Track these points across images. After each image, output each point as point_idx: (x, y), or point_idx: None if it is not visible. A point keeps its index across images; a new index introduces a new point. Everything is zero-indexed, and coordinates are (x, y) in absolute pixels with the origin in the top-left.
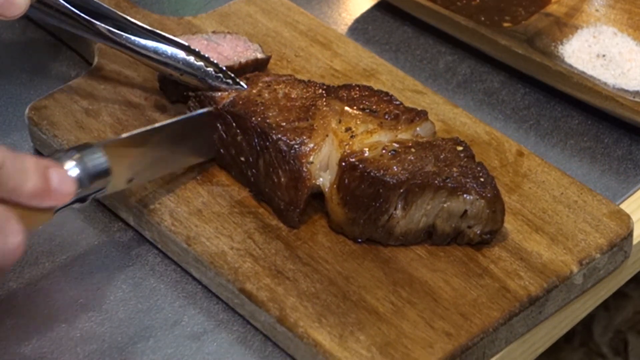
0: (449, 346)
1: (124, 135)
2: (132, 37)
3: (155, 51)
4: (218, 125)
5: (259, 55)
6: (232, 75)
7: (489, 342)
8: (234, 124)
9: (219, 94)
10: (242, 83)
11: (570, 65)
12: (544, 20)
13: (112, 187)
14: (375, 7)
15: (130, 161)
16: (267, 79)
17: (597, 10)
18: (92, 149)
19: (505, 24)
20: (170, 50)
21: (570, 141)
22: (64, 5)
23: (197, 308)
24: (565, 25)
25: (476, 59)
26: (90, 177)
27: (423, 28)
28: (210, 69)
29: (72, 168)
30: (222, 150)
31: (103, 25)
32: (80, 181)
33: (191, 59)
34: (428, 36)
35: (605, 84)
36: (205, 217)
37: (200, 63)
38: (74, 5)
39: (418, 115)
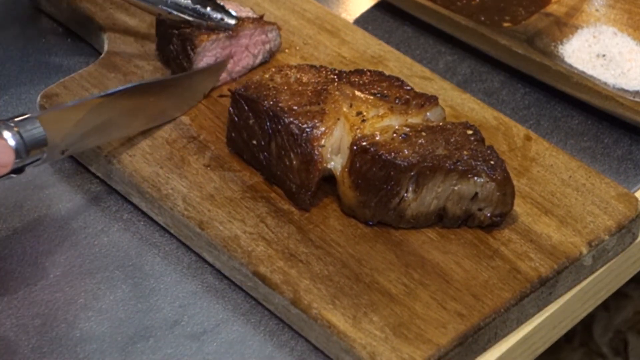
0: (462, 326)
1: (60, 106)
2: None
3: None
4: (230, 109)
5: (251, 14)
6: (221, 4)
7: (501, 322)
8: (246, 108)
9: (201, 33)
10: (231, 14)
11: (570, 65)
12: (544, 20)
13: (47, 158)
14: (375, 7)
15: (65, 132)
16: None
17: (597, 10)
18: (30, 119)
19: (505, 24)
20: None
21: (570, 141)
22: None
23: (197, 308)
24: (565, 25)
25: (476, 59)
26: (28, 148)
27: (423, 28)
28: (197, 6)
29: (9, 139)
30: (233, 134)
31: None
32: (18, 152)
33: (198, 7)
34: (428, 36)
35: (605, 84)
36: (217, 202)
37: (188, 1)
38: None
39: (428, 101)
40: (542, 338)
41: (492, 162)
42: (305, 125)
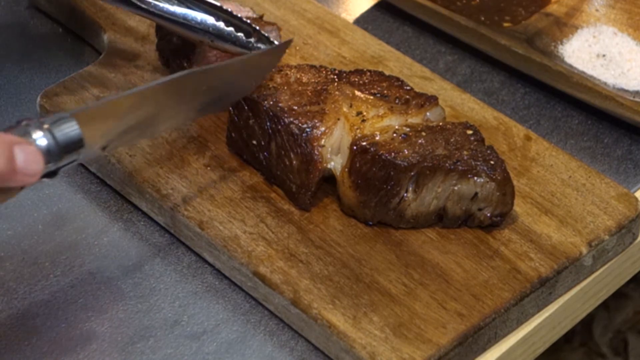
0: (462, 326)
1: (97, 102)
2: (161, 4)
3: (185, 18)
4: (230, 109)
5: (251, 14)
6: (265, 34)
7: (501, 322)
8: (246, 108)
9: None
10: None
11: (570, 65)
12: (544, 20)
13: (84, 157)
14: (375, 7)
15: (104, 129)
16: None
17: (597, 10)
18: (63, 116)
19: (505, 24)
20: (200, 16)
21: (570, 141)
22: None
23: (197, 308)
24: (565, 25)
25: (476, 59)
26: (61, 149)
27: (423, 28)
28: (240, 34)
29: (40, 139)
30: (233, 134)
31: None
32: (50, 154)
33: (221, 24)
34: (428, 36)
35: (605, 83)
36: (217, 202)
37: (231, 28)
38: None
39: (428, 101)
40: (542, 338)
41: (492, 162)
42: (305, 125)
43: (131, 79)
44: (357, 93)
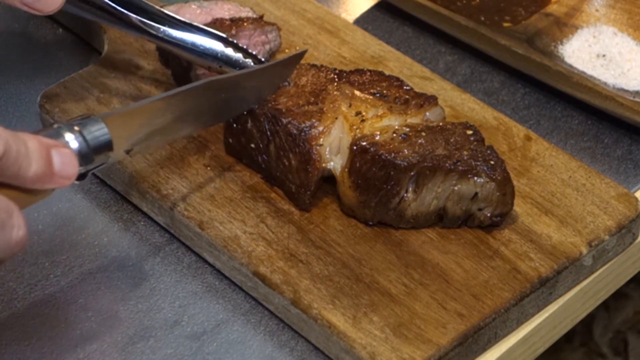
0: (462, 326)
1: (124, 107)
2: (169, 30)
3: (193, 44)
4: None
5: (251, 15)
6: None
7: (501, 322)
8: (244, 112)
9: None
10: None
11: (570, 65)
12: (544, 20)
13: (112, 160)
14: (375, 7)
15: (130, 133)
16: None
17: (597, 10)
18: (93, 119)
19: (505, 24)
20: (207, 43)
21: (570, 141)
22: None
23: (197, 308)
24: (565, 25)
25: (476, 59)
26: (92, 151)
27: (423, 28)
28: (248, 60)
29: (72, 141)
30: (230, 140)
31: (140, 18)
32: (82, 156)
33: (229, 51)
34: (428, 36)
35: (605, 84)
36: (217, 202)
37: (239, 55)
38: None
39: (428, 101)
40: (542, 338)
41: (492, 162)
42: (303, 125)
43: (131, 79)
44: (357, 93)
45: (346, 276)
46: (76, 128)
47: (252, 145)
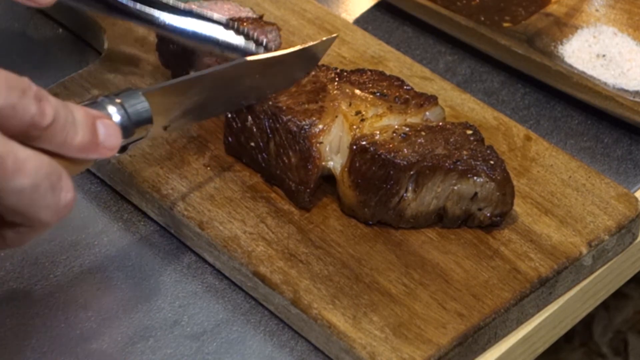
0: (462, 326)
1: (163, 83)
2: (169, 18)
3: (194, 32)
4: (228, 112)
5: (251, 15)
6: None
7: (501, 322)
8: (244, 109)
9: None
10: None
11: (570, 65)
12: (544, 20)
13: (150, 135)
14: (375, 7)
15: (168, 109)
16: None
17: (597, 10)
18: (134, 93)
19: (505, 24)
20: (208, 29)
21: (570, 141)
22: None
23: (197, 308)
24: (565, 25)
25: (476, 59)
26: (133, 124)
27: (423, 28)
28: (250, 45)
29: (114, 114)
30: (230, 139)
31: (139, 7)
32: (123, 128)
33: (230, 34)
34: (428, 36)
35: (605, 84)
36: (217, 202)
37: (240, 38)
38: None
39: (427, 100)
40: (542, 338)
41: (491, 162)
42: (303, 123)
43: (131, 79)
44: (357, 92)
45: (346, 276)
46: (118, 101)
47: (252, 144)
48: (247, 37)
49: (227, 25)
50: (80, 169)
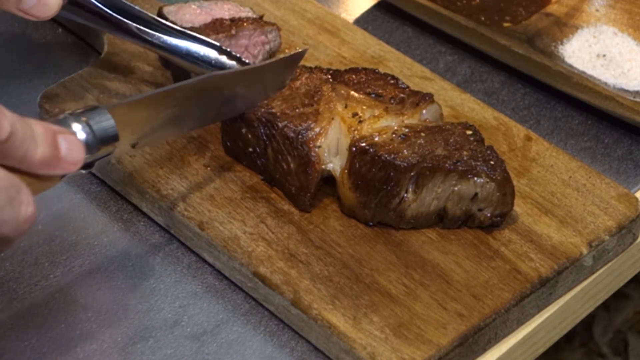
0: (462, 327)
1: (130, 98)
2: (164, 37)
3: (188, 51)
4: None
5: (251, 15)
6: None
7: (501, 322)
8: (238, 118)
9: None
10: None
11: (571, 65)
12: (544, 20)
13: (118, 152)
14: (375, 7)
15: (136, 125)
16: None
17: (597, 10)
18: (99, 110)
19: (505, 24)
20: (202, 50)
21: (570, 141)
22: (95, 4)
23: (197, 308)
24: (565, 25)
25: (476, 59)
26: (98, 142)
27: (423, 28)
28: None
29: (79, 131)
30: (229, 143)
31: (135, 24)
32: (88, 146)
33: (223, 58)
34: (428, 36)
35: (605, 84)
36: (217, 202)
37: (233, 62)
38: (105, 5)
39: (423, 99)
40: (543, 338)
41: (492, 162)
42: (299, 127)
43: (131, 79)
44: (352, 93)
45: (346, 276)
46: (83, 118)
47: (250, 150)
48: (240, 62)
49: (220, 49)
50: (46, 187)
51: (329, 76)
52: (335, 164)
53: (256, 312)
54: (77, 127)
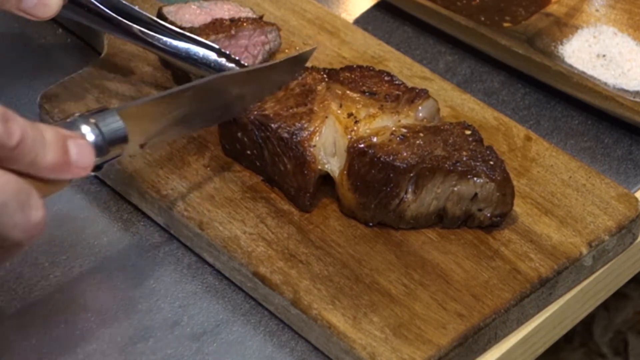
0: (462, 327)
1: (139, 100)
2: (164, 39)
3: (187, 53)
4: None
5: (251, 15)
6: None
7: (501, 322)
8: (232, 122)
9: (200, 34)
10: None
11: (571, 65)
12: (544, 20)
13: (126, 153)
14: (375, 7)
15: (145, 126)
16: None
17: (597, 10)
18: (109, 112)
19: (505, 24)
20: (201, 52)
21: (570, 141)
22: (95, 5)
23: (197, 308)
24: (565, 25)
25: (476, 59)
26: (107, 143)
27: (423, 28)
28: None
29: (88, 133)
30: (227, 146)
31: (135, 26)
32: (98, 148)
33: (222, 60)
34: (428, 36)
35: (605, 84)
36: (217, 202)
37: (232, 65)
38: (106, 6)
39: (418, 95)
40: (542, 338)
41: (491, 163)
42: (293, 128)
43: (131, 79)
44: (347, 92)
45: (346, 276)
46: (92, 120)
47: (248, 152)
48: (238, 64)
49: (219, 51)
50: (55, 190)
51: (325, 75)
52: (333, 165)
53: (256, 312)
54: (86, 129)
